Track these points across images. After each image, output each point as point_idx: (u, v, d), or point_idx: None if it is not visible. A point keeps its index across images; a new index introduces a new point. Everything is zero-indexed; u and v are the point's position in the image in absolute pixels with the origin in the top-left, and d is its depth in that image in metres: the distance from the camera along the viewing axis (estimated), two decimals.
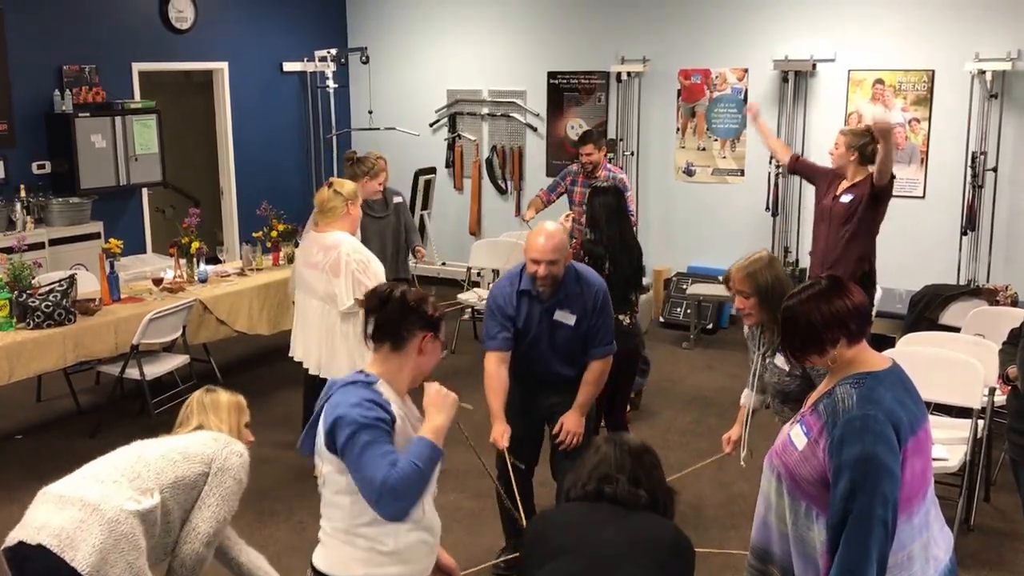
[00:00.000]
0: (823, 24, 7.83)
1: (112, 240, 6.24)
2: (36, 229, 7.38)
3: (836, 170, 5.59)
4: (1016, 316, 4.93)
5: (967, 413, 4.70)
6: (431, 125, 9.71)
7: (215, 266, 7.18)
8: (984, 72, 7.20)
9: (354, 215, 5.04)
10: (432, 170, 9.25)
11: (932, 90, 7.52)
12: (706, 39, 8.34)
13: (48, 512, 2.93)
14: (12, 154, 7.57)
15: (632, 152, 8.73)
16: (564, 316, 3.99)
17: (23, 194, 7.43)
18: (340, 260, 4.82)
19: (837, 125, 7.28)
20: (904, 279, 7.30)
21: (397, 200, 6.40)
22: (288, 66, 9.61)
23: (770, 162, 7.98)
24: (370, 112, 9.80)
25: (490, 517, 4.55)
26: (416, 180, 8.94)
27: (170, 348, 6.31)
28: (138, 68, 8.41)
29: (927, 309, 6.74)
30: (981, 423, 4.67)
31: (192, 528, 3.12)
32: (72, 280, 5.74)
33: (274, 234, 7.14)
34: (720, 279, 3.60)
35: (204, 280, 6.59)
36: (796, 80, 7.98)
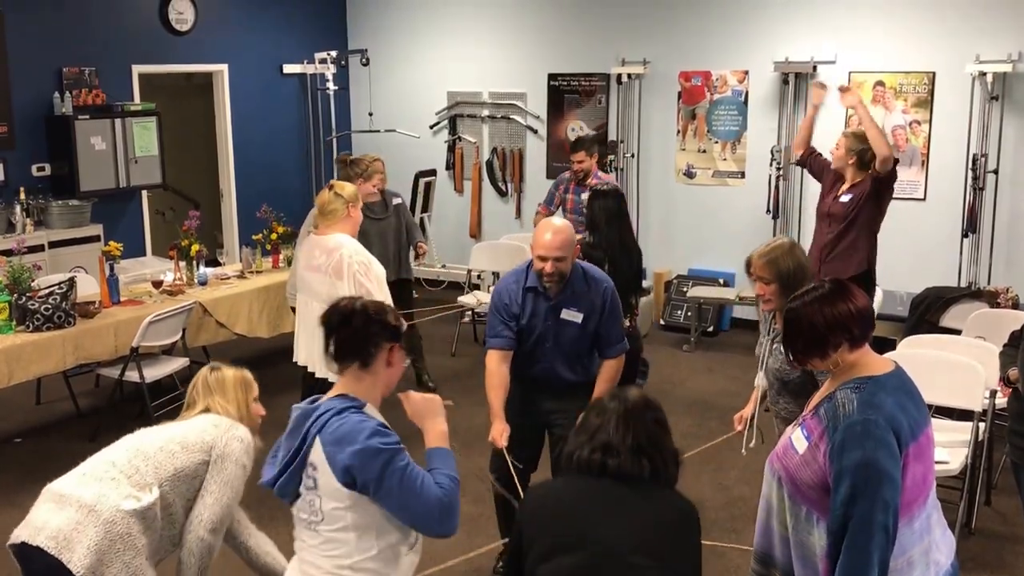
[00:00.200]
0: (824, 26, 7.82)
1: (112, 243, 6.25)
2: (36, 232, 7.37)
3: (837, 171, 5.61)
4: (1017, 318, 4.94)
5: (968, 416, 4.69)
6: (431, 127, 9.70)
7: (215, 269, 7.18)
8: (985, 74, 7.19)
9: (355, 217, 5.03)
10: (432, 172, 9.24)
11: (933, 92, 7.52)
12: (707, 41, 8.33)
13: (49, 512, 2.97)
14: (12, 156, 7.56)
15: (632, 154, 8.72)
16: (571, 314, 3.95)
17: (23, 196, 7.42)
18: (343, 262, 4.80)
19: (838, 127, 7.28)
20: (905, 281, 7.30)
21: (397, 201, 6.40)
22: (288, 68, 9.60)
23: (770, 164, 7.98)
24: (370, 114, 9.79)
25: (488, 521, 4.54)
26: (416, 182, 8.92)
27: (170, 351, 6.31)
28: (138, 70, 8.40)
29: (928, 311, 6.74)
30: (982, 426, 4.67)
31: (196, 517, 3.11)
32: (72, 283, 5.74)
33: (274, 236, 7.14)
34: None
35: (204, 283, 6.59)
36: (797, 82, 7.97)
